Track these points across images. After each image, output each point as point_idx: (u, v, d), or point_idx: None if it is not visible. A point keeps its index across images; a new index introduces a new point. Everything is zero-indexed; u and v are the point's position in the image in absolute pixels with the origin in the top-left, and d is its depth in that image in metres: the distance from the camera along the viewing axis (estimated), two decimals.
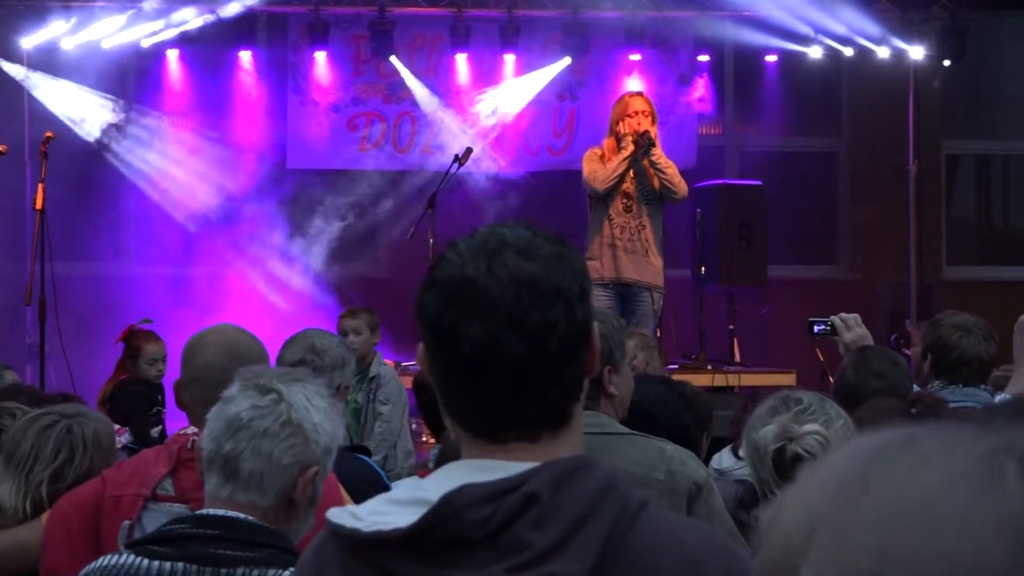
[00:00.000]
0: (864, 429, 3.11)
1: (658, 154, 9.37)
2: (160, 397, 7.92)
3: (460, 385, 1.75)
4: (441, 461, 2.59)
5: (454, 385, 1.75)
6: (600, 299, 8.79)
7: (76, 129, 11.94)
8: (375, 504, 1.74)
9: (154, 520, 2.81)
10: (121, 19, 11.83)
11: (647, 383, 3.80)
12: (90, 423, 3.54)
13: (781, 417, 3.32)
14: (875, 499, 0.86)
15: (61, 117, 11.84)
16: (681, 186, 9.48)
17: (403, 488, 1.76)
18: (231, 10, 11.81)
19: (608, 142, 9.47)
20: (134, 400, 7.69)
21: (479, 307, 1.70)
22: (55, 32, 11.81)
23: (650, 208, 9.47)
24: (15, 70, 11.85)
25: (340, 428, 2.63)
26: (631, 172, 9.37)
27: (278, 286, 12.10)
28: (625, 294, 9.42)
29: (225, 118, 12.66)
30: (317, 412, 2.53)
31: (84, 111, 12.04)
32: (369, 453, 4.31)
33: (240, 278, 12.12)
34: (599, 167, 9.33)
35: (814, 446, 3.30)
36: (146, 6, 11.81)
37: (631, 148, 9.29)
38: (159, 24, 11.91)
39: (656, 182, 9.39)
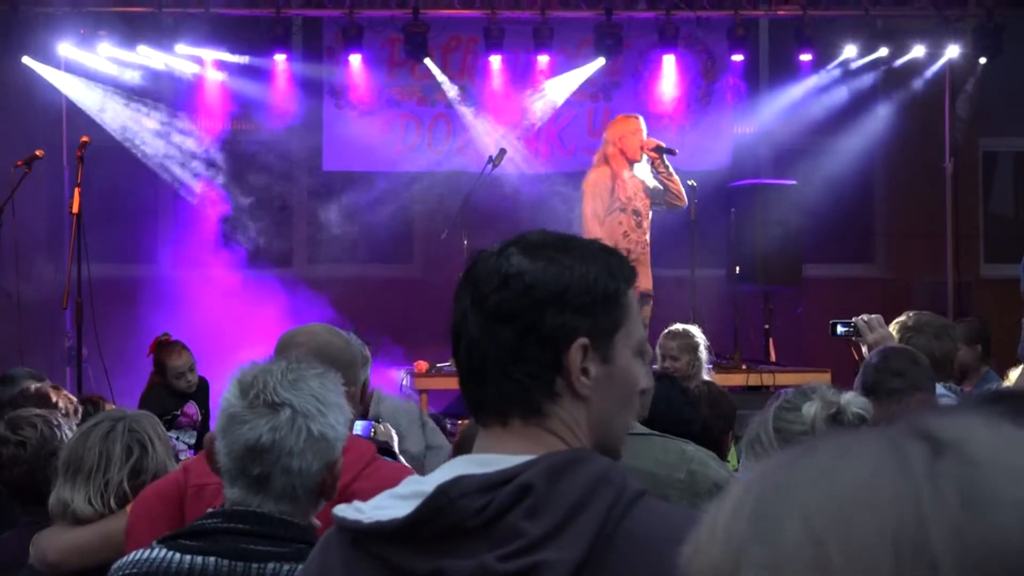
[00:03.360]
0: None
1: (668, 168, 9.89)
2: (197, 404, 7.99)
3: (456, 358, 1.89)
4: (456, 453, 2.64)
5: (455, 357, 1.89)
6: None
7: (113, 134, 12.04)
8: (379, 499, 1.80)
9: None
10: (157, 24, 11.94)
11: None
12: (142, 419, 3.62)
13: (815, 401, 3.36)
14: (798, 501, 0.90)
15: (98, 122, 11.95)
16: (684, 196, 10.00)
17: (407, 483, 1.82)
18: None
19: (613, 154, 9.66)
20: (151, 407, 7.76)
21: (470, 284, 1.85)
22: (92, 39, 11.92)
23: (649, 222, 9.87)
24: (53, 75, 11.97)
25: (348, 407, 2.64)
26: (632, 184, 9.76)
27: (312, 286, 12.18)
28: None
29: (260, 121, 12.75)
30: (331, 410, 2.55)
31: (121, 116, 12.14)
32: (393, 456, 4.33)
33: (275, 280, 12.21)
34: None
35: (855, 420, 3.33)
36: (183, 17, 11.90)
37: (656, 157, 9.77)
38: (195, 29, 11.99)
39: (674, 187, 9.85)
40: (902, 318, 5.07)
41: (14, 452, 3.93)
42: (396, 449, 4.33)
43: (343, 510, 1.81)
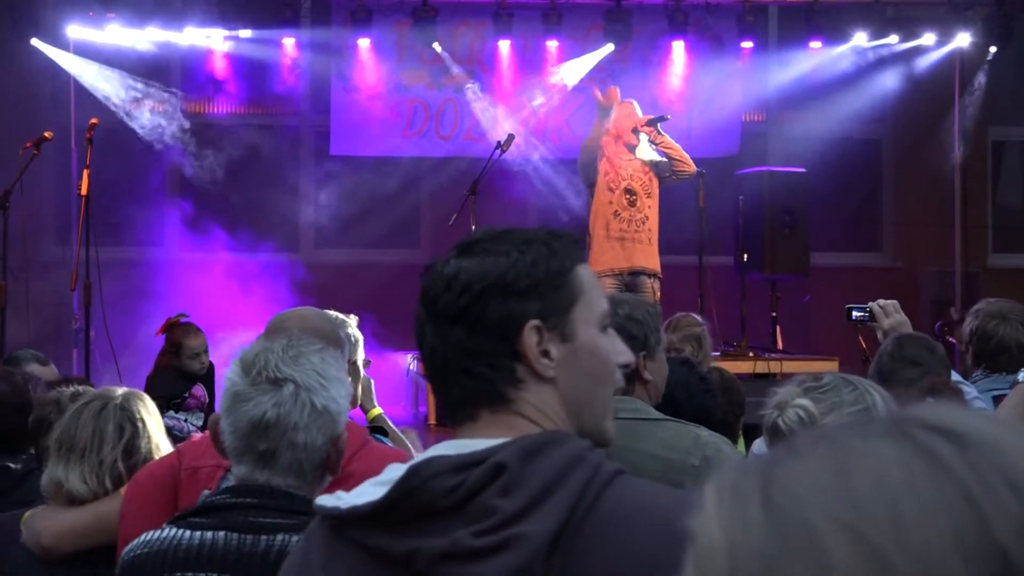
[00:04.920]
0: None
1: (664, 136, 9.91)
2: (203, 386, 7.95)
3: (426, 374, 1.93)
4: None
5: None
6: (611, 289, 9.14)
7: (121, 116, 12.02)
8: (361, 487, 1.80)
9: None
10: (167, 5, 11.90)
11: (668, 366, 3.79)
12: (134, 398, 3.60)
13: (791, 388, 3.34)
14: (828, 511, 0.86)
15: (106, 104, 11.93)
16: (690, 160, 9.96)
17: (388, 470, 1.81)
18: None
19: (607, 142, 9.89)
20: (159, 389, 7.72)
21: (424, 292, 1.88)
22: (101, 21, 11.89)
23: (651, 201, 9.86)
24: (62, 57, 11.94)
25: (349, 382, 2.66)
26: (632, 166, 9.82)
27: (318, 270, 12.17)
28: (631, 283, 9.82)
29: (269, 104, 12.73)
30: (332, 384, 2.56)
31: (129, 98, 12.11)
32: (385, 433, 4.32)
33: (280, 263, 12.20)
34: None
35: (793, 419, 3.31)
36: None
37: (651, 130, 9.83)
38: (204, 11, 11.96)
39: (676, 153, 9.89)
40: (981, 304, 4.99)
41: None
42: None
43: (323, 499, 1.82)
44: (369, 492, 1.76)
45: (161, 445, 3.55)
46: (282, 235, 12.57)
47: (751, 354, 11.00)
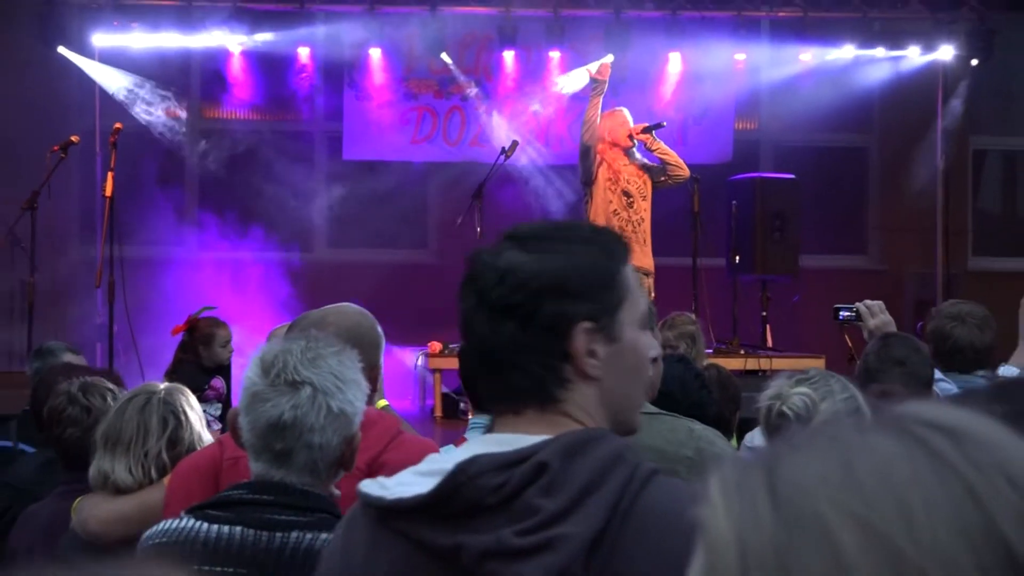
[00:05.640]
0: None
1: (659, 143, 9.85)
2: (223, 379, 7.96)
3: (466, 357, 1.86)
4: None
5: (464, 356, 1.86)
6: None
7: (143, 121, 12.02)
8: (403, 475, 1.78)
9: None
10: (187, 17, 11.91)
11: (665, 363, 3.80)
12: (177, 392, 3.62)
13: (783, 381, 3.35)
14: (836, 504, 0.86)
15: (129, 110, 11.93)
16: (684, 165, 9.88)
17: (429, 460, 1.79)
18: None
19: (603, 150, 9.82)
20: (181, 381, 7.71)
21: (471, 283, 1.81)
22: (125, 30, 11.90)
23: (645, 203, 9.81)
24: (88, 65, 11.95)
25: (365, 382, 2.61)
26: (628, 170, 9.75)
27: (330, 268, 12.17)
28: None
29: (284, 111, 12.74)
30: (349, 387, 2.54)
31: (151, 104, 12.12)
32: None
33: (294, 262, 12.20)
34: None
35: (799, 405, 3.32)
36: (212, 11, 11.88)
37: (647, 137, 9.79)
38: (223, 21, 11.96)
39: (671, 158, 9.79)
40: (942, 305, 4.98)
41: (77, 415, 3.92)
42: None
43: (367, 486, 1.78)
44: (413, 483, 1.74)
45: (203, 436, 3.56)
46: (296, 235, 12.58)
47: (742, 351, 11.00)
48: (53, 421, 3.95)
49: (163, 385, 3.64)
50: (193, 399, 3.66)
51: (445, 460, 1.74)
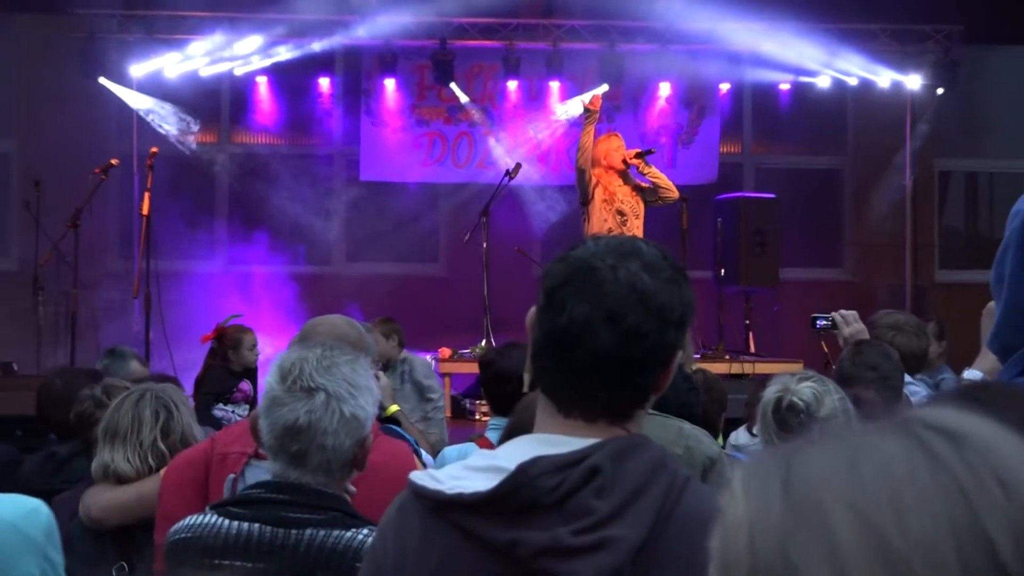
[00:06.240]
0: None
1: (651, 167, 9.74)
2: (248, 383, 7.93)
3: (550, 352, 1.75)
4: (512, 432, 2.57)
5: (546, 350, 1.76)
6: None
7: (177, 145, 12.03)
8: (453, 469, 1.74)
9: (255, 475, 2.81)
10: (219, 51, 11.93)
11: None
12: (167, 387, 3.68)
13: (785, 377, 3.34)
14: (838, 494, 0.85)
15: (165, 134, 11.94)
16: (674, 187, 9.75)
17: (478, 457, 1.76)
18: (315, 46, 11.92)
19: (599, 174, 9.68)
20: (212, 386, 7.68)
21: (592, 293, 1.71)
22: (160, 61, 11.93)
23: (638, 222, 9.75)
24: (126, 94, 11.96)
25: (377, 389, 2.60)
26: (623, 191, 9.65)
27: (348, 281, 12.16)
28: None
29: (306, 136, 12.76)
30: (361, 393, 2.51)
31: (184, 129, 12.13)
32: (399, 423, 4.27)
33: (317, 276, 12.20)
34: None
35: (808, 396, 3.31)
36: (240, 43, 11.90)
37: (639, 162, 9.64)
38: (251, 54, 12.00)
39: (662, 182, 9.66)
40: (882, 317, 4.95)
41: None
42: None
43: (421, 478, 1.74)
44: (467, 477, 1.70)
45: (193, 427, 3.62)
46: (318, 251, 12.58)
47: (727, 357, 10.98)
48: (83, 424, 4.00)
49: (156, 383, 3.72)
50: (182, 393, 3.74)
51: (496, 457, 1.72)
